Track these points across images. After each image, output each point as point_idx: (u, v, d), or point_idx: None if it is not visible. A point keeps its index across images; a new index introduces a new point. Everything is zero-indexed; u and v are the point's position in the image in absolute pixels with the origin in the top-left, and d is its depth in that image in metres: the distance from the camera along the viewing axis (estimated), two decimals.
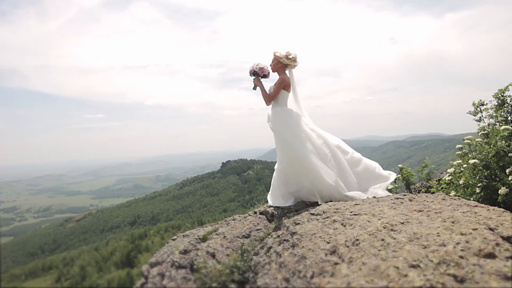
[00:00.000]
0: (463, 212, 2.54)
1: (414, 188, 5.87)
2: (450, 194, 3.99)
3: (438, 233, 2.13)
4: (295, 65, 4.48)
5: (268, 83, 4.63)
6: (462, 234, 2.08)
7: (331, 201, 3.83)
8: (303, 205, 4.22)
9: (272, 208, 4.41)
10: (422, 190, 5.63)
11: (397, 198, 3.31)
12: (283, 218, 3.65)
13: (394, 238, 2.18)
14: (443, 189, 4.73)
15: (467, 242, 1.95)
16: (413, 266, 1.79)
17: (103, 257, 50.71)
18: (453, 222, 2.31)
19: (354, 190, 4.19)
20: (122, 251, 50.83)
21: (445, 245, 1.94)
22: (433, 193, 3.98)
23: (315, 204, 4.10)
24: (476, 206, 2.74)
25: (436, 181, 5.33)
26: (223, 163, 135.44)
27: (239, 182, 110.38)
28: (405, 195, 3.51)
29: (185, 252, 3.67)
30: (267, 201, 4.78)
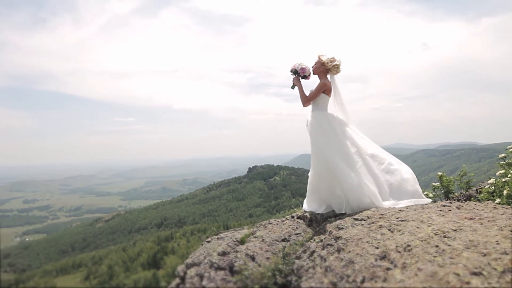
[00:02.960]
0: None
1: (453, 197, 5.68)
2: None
3: (497, 241, 2.07)
4: (337, 72, 4.43)
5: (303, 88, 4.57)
6: None
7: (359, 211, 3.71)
8: None
9: (310, 213, 4.39)
10: (462, 199, 5.44)
11: (443, 206, 3.22)
12: (324, 223, 3.62)
13: (449, 245, 2.13)
14: (484, 199, 4.55)
15: None
16: (475, 274, 1.74)
17: (130, 258, 51.68)
18: (511, 231, 2.23)
19: (386, 200, 4.04)
20: (149, 252, 51.64)
21: (507, 254, 1.88)
22: (480, 201, 3.85)
23: None
24: None
25: (482, 189, 5.12)
26: (249, 168, 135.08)
27: (265, 188, 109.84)
28: (451, 202, 3.41)
29: (223, 254, 3.70)
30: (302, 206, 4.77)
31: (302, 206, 4.81)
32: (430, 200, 4.18)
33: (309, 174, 4.61)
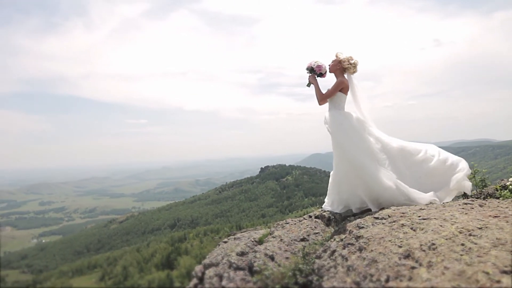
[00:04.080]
0: None
1: (472, 195, 5.58)
2: None
3: None
4: (354, 72, 4.41)
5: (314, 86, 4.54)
6: None
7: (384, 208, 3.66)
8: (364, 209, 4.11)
9: (328, 212, 4.37)
10: (481, 197, 5.34)
11: (465, 204, 3.16)
12: (344, 222, 3.60)
13: (476, 243, 2.10)
14: (507, 197, 4.45)
15: None
16: (505, 272, 1.71)
17: (144, 258, 52.18)
18: None
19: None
20: (163, 253, 52.07)
21: None
22: (500, 197, 3.78)
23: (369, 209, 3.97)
24: None
25: (498, 186, 5.01)
26: (261, 168, 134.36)
27: (278, 188, 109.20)
28: (473, 201, 3.35)
29: (242, 254, 3.69)
30: (321, 205, 4.75)
31: (317, 206, 4.79)
32: (468, 183, 4.21)
33: (331, 173, 4.58)
